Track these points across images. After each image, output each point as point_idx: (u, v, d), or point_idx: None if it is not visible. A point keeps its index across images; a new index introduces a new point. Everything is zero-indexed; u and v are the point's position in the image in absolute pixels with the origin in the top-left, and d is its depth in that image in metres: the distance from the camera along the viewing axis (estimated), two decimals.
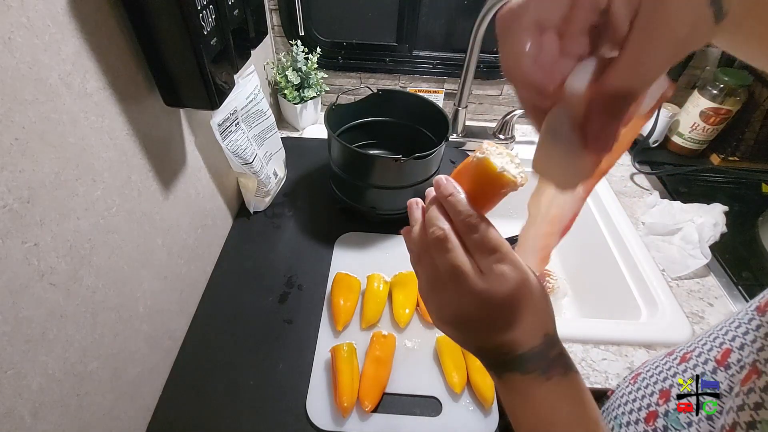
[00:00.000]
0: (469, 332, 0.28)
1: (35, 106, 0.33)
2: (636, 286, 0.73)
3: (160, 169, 0.52)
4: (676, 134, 0.98)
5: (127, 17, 0.42)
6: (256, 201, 0.78)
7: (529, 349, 0.27)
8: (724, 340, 0.35)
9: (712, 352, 0.36)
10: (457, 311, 0.27)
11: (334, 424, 0.53)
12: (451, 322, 0.28)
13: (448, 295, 0.27)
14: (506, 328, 0.26)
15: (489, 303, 0.26)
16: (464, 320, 0.27)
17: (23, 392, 0.34)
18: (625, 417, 0.42)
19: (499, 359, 0.28)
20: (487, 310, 0.26)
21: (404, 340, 0.62)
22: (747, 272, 0.74)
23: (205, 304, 0.66)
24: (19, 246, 0.32)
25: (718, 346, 0.36)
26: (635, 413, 0.41)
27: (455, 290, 0.27)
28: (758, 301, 0.34)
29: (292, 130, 1.03)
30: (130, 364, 0.48)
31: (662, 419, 0.37)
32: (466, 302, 0.26)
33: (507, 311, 0.26)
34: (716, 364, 0.34)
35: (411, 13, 0.92)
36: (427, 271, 0.29)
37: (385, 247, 0.75)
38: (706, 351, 0.37)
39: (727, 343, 0.34)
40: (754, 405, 0.27)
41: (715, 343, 0.36)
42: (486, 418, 0.54)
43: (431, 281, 0.29)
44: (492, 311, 0.26)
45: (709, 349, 0.36)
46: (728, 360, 0.33)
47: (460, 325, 0.28)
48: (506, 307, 0.26)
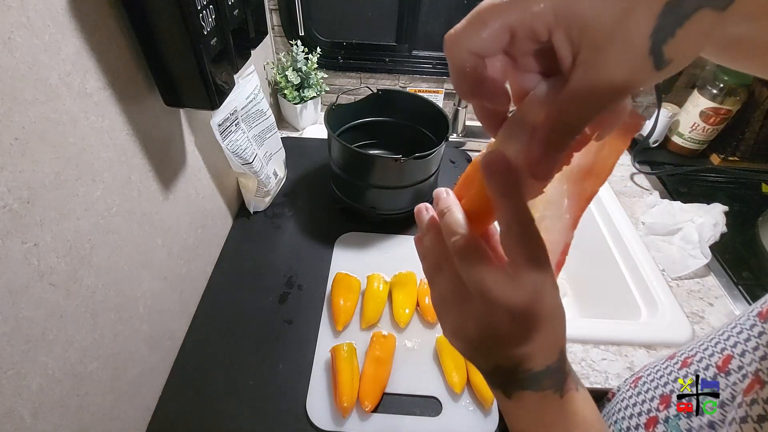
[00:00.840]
0: (491, 349, 0.25)
1: (35, 106, 0.33)
2: (636, 286, 0.73)
3: (160, 169, 0.52)
4: (676, 134, 0.98)
5: (127, 17, 0.42)
6: (256, 201, 0.78)
7: (546, 366, 0.25)
8: (725, 346, 0.35)
9: (713, 357, 0.35)
10: (483, 327, 0.24)
11: (334, 424, 0.53)
12: (474, 338, 0.25)
13: (473, 310, 0.25)
14: (529, 342, 0.24)
15: (521, 318, 0.23)
16: (489, 337, 0.25)
17: (23, 392, 0.34)
18: (626, 422, 0.42)
19: (515, 377, 0.25)
20: (517, 326, 0.24)
21: (404, 340, 0.62)
22: (747, 272, 0.74)
23: (205, 304, 0.66)
24: (19, 246, 0.32)
25: (719, 351, 0.35)
26: (635, 418, 0.41)
27: (482, 304, 0.24)
28: (760, 307, 0.34)
29: (292, 130, 1.03)
30: (130, 364, 0.48)
31: (662, 425, 0.37)
32: (495, 318, 0.24)
33: (534, 325, 0.24)
34: (717, 370, 0.34)
35: (411, 13, 0.92)
36: (446, 284, 0.26)
37: (385, 247, 0.75)
38: (707, 356, 0.36)
39: (729, 349, 0.34)
40: (758, 417, 0.27)
41: (716, 348, 0.36)
42: (486, 418, 0.54)
43: (452, 294, 0.26)
44: (520, 326, 0.24)
45: (711, 354, 0.36)
46: (729, 366, 0.33)
47: (485, 341, 0.25)
48: (534, 321, 0.24)
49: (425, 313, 0.64)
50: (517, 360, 0.25)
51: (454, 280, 0.26)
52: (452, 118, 0.98)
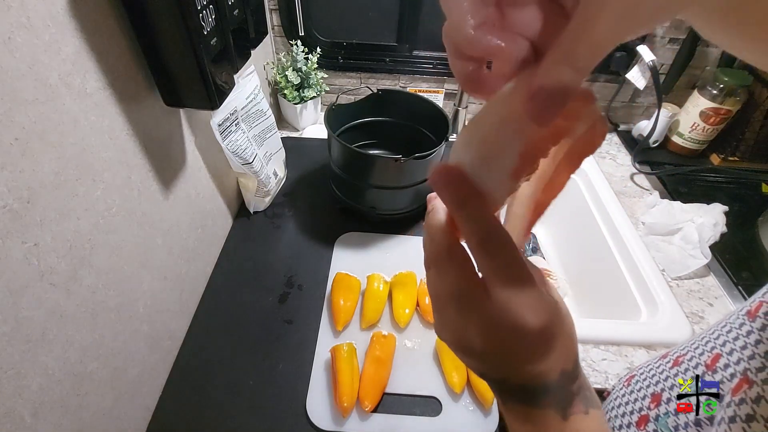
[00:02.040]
0: (502, 362, 0.23)
1: (35, 106, 0.33)
2: (636, 286, 0.73)
3: (160, 169, 0.52)
4: (676, 134, 0.98)
5: (127, 17, 0.42)
6: (256, 201, 0.78)
7: (552, 381, 0.22)
8: (715, 345, 0.35)
9: (703, 356, 0.35)
10: (500, 336, 0.21)
11: (334, 424, 0.53)
12: (485, 350, 0.22)
13: (488, 315, 0.21)
14: (544, 357, 0.22)
15: (542, 330, 0.21)
16: (503, 348, 0.22)
17: (23, 392, 0.34)
18: (618, 420, 0.42)
19: (523, 392, 0.23)
20: (537, 337, 0.21)
21: (404, 340, 0.62)
22: (747, 272, 0.74)
23: (205, 304, 0.66)
24: (19, 246, 0.32)
25: (709, 350, 0.35)
26: (627, 416, 0.41)
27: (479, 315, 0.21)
28: (749, 305, 0.34)
29: (292, 130, 1.03)
30: (130, 364, 0.48)
31: (653, 423, 0.37)
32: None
33: (550, 338, 0.22)
34: (705, 369, 0.34)
35: (411, 13, 0.92)
36: (456, 282, 0.22)
37: (385, 247, 0.75)
38: (698, 355, 0.36)
39: (718, 348, 0.34)
40: (746, 417, 0.27)
41: (707, 347, 0.36)
42: (486, 418, 0.54)
43: (462, 295, 0.22)
44: (538, 338, 0.21)
45: (701, 353, 0.36)
46: (717, 365, 0.33)
47: (499, 353, 0.22)
48: (550, 334, 0.22)
49: (425, 313, 0.64)
50: (529, 374, 0.22)
51: (467, 278, 0.23)
52: (452, 118, 0.98)
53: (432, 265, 0.24)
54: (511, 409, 0.24)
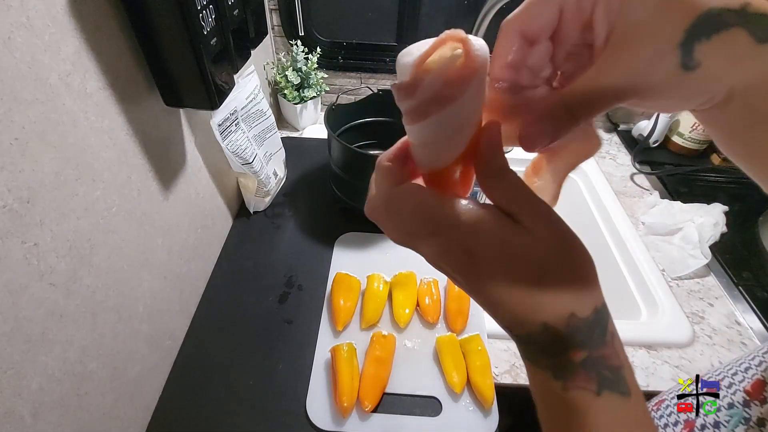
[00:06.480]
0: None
1: (35, 106, 0.33)
2: (636, 286, 0.73)
3: (160, 169, 0.52)
4: (676, 134, 0.98)
5: (127, 17, 0.42)
6: (256, 201, 0.78)
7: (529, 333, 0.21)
8: (756, 372, 0.34)
9: (743, 383, 0.34)
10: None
11: (334, 424, 0.53)
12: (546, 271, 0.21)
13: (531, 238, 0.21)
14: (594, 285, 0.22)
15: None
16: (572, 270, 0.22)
17: (23, 392, 0.34)
18: None
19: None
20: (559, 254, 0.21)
21: (404, 340, 0.62)
22: (747, 272, 0.74)
23: (205, 304, 0.66)
24: (19, 246, 0.32)
25: (749, 377, 0.34)
26: None
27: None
28: None
29: (292, 130, 1.03)
30: (130, 364, 0.48)
31: None
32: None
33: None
34: (746, 395, 0.33)
35: (411, 13, 0.92)
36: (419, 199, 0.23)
37: (385, 247, 0.75)
38: (737, 382, 0.35)
39: (759, 374, 0.33)
40: None
41: (746, 374, 0.35)
42: (486, 418, 0.54)
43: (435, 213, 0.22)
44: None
45: (740, 381, 0.35)
46: (764, 393, 0.32)
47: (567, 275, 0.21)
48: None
49: (425, 313, 0.64)
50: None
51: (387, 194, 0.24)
52: None
53: (383, 207, 0.24)
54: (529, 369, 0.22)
